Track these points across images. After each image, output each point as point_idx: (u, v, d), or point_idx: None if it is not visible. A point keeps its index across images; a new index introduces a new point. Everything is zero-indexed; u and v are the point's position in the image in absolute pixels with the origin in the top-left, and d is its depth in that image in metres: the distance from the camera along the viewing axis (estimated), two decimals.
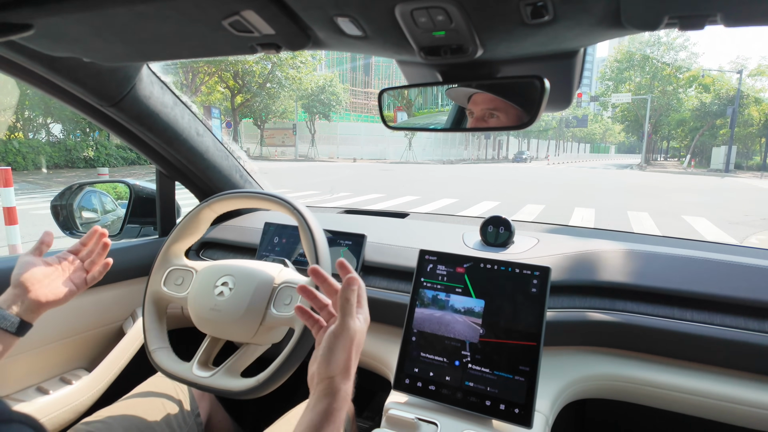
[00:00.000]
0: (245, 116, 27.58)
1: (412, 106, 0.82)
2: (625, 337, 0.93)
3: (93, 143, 16.30)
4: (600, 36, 0.59)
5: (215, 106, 23.65)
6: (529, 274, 0.84)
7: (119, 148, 17.10)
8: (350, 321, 0.62)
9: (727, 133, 28.96)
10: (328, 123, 31.00)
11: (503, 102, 0.72)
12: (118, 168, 16.55)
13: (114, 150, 16.86)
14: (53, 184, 11.88)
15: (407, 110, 0.83)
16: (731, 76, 30.52)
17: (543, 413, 0.83)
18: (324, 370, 0.61)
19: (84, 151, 15.84)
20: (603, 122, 57.99)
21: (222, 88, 24.25)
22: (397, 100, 0.84)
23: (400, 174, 18.53)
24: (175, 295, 0.98)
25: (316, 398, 0.60)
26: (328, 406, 0.58)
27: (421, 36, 0.58)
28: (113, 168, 16.25)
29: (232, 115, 24.66)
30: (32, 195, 9.75)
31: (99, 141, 16.51)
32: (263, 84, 24.26)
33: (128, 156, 17.27)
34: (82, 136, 16.48)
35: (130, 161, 17.36)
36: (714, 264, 0.97)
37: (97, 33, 0.68)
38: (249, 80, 23.91)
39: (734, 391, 0.86)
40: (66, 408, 1.07)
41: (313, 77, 27.05)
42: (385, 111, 0.82)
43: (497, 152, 47.05)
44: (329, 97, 28.16)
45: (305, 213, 0.91)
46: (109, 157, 16.58)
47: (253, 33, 0.61)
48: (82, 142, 16.08)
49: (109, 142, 16.85)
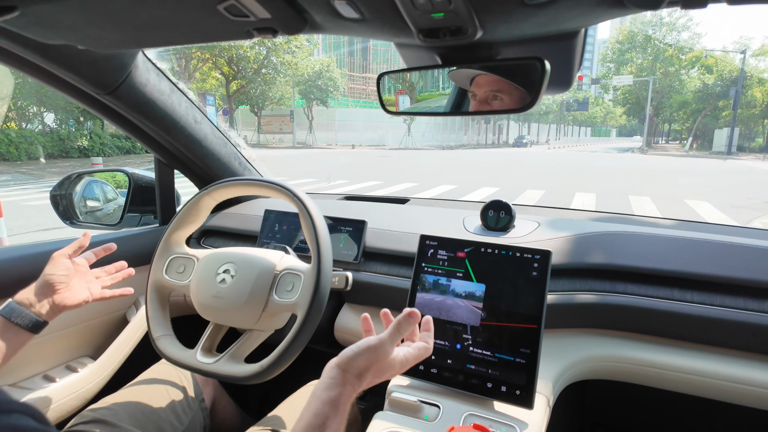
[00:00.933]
0: (242, 103, 27.18)
1: (414, 90, 0.81)
2: (626, 318, 0.94)
3: (87, 132, 16.06)
4: (601, 16, 0.58)
5: (210, 93, 23.26)
6: (530, 258, 0.84)
7: (114, 137, 16.85)
8: (388, 343, 0.64)
9: (729, 115, 28.58)
10: (326, 109, 30.62)
11: (507, 84, 0.71)
12: (113, 157, 16.33)
13: (109, 139, 16.64)
14: (46, 174, 11.76)
15: (410, 94, 0.81)
16: (734, 57, 30.14)
17: (544, 394, 0.84)
18: (346, 361, 0.62)
19: (78, 141, 15.60)
20: (604, 105, 57.46)
21: (217, 74, 23.83)
22: (398, 83, 0.83)
23: (398, 160, 18.39)
24: (177, 283, 0.98)
25: (326, 386, 0.60)
26: (336, 396, 0.59)
27: (420, 18, 0.57)
28: (108, 157, 16.03)
29: (228, 101, 24.25)
30: (25, 186, 9.70)
31: (93, 130, 16.27)
32: (258, 70, 23.82)
33: (123, 145, 17.03)
34: (75, 125, 16.22)
35: (126, 150, 17.13)
36: (714, 245, 0.97)
37: (90, 19, 0.67)
38: (244, 66, 23.45)
39: (734, 371, 0.87)
40: (72, 395, 1.09)
41: (309, 62, 26.61)
42: (384, 95, 0.81)
43: (497, 137, 46.76)
44: (326, 83, 27.74)
45: (305, 200, 0.91)
46: (103, 146, 16.35)
47: (249, 17, 0.60)
48: (76, 132, 15.85)
49: (103, 131, 16.60)
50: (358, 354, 0.62)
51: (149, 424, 0.90)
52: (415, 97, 0.81)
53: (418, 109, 0.82)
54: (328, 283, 0.86)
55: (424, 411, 0.80)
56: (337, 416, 0.58)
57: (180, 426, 0.94)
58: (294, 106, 29.65)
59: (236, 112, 27.93)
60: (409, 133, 33.14)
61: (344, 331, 1.16)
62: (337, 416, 0.58)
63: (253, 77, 24.04)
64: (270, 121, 31.90)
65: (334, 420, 0.58)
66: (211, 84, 24.11)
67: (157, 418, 0.92)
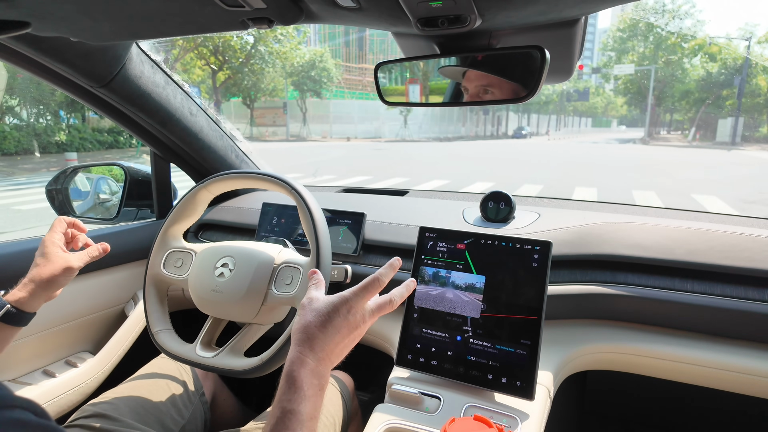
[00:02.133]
0: (234, 95, 26.42)
1: (428, 78, 0.79)
2: (627, 309, 0.94)
3: (65, 127, 15.36)
4: (601, 3, 0.57)
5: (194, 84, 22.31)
6: (530, 249, 0.84)
7: (96, 131, 16.21)
8: (352, 299, 0.62)
9: (733, 104, 28.17)
10: (321, 101, 29.96)
11: (496, 78, 0.71)
12: (92, 152, 15.65)
13: (89, 134, 15.96)
14: (17, 171, 11.37)
15: (423, 82, 0.80)
16: (739, 44, 29.77)
17: (545, 385, 0.84)
18: (295, 334, 0.61)
19: (56, 136, 14.84)
20: (605, 95, 57.12)
21: (202, 65, 22.79)
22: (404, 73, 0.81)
23: (393, 153, 18.07)
24: (175, 277, 0.98)
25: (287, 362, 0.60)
26: (288, 370, 0.58)
27: (418, 6, 0.56)
28: (87, 152, 15.34)
29: (214, 93, 23.33)
30: None
31: (73, 125, 15.60)
32: (247, 60, 22.96)
33: (105, 139, 16.37)
34: (53, 119, 15.56)
35: (107, 145, 16.45)
36: (714, 235, 0.96)
37: (82, 11, 0.66)
38: (230, 56, 22.56)
39: (735, 360, 0.87)
40: (72, 390, 1.09)
41: (299, 52, 25.80)
42: (390, 85, 0.80)
43: (496, 128, 46.49)
44: (320, 74, 27.05)
45: (303, 193, 0.90)
46: (83, 141, 15.60)
47: (244, 7, 0.59)
48: (54, 126, 15.12)
49: (84, 125, 15.95)
50: (305, 325, 0.61)
51: (150, 419, 0.90)
52: (428, 85, 0.79)
53: (417, 100, 0.81)
54: (327, 276, 0.85)
55: (425, 403, 0.80)
56: (291, 389, 0.56)
57: (181, 420, 0.94)
58: (287, 98, 29.01)
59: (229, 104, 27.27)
60: (405, 124, 32.69)
61: None
62: (291, 389, 0.56)
63: (240, 68, 23.15)
64: (263, 114, 31.16)
65: (287, 392, 0.56)
66: (198, 74, 23.03)
67: (158, 412, 0.92)
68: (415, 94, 0.80)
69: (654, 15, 33.39)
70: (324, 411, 0.94)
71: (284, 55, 24.14)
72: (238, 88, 25.29)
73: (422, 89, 0.79)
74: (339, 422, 0.95)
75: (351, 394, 1.07)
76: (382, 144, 25.73)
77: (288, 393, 0.56)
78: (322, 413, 0.92)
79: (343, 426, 0.97)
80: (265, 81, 25.24)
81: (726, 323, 0.88)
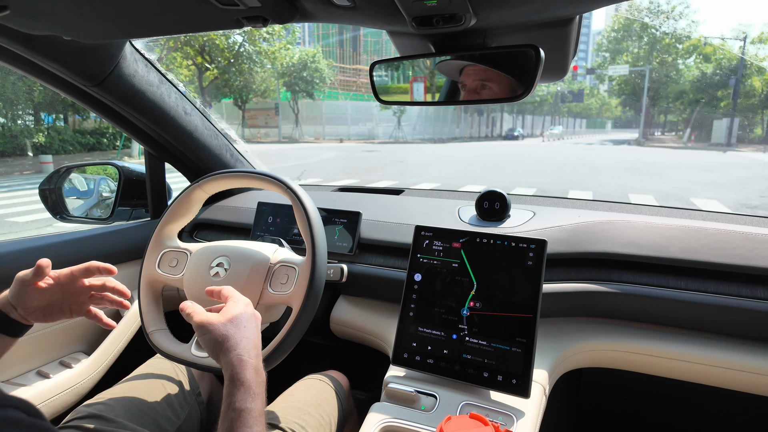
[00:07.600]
0: (225, 96, 25.78)
1: (435, 75, 0.79)
2: (621, 307, 0.94)
3: (44, 129, 14.77)
4: (595, 2, 0.57)
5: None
6: (525, 248, 0.84)
7: (78, 132, 15.81)
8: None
9: (728, 105, 28.13)
10: (313, 102, 29.41)
11: (495, 73, 0.71)
12: (72, 155, 15.08)
13: (71, 135, 15.53)
14: None
15: (430, 79, 0.79)
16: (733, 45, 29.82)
17: (540, 383, 0.84)
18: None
19: (34, 137, 14.28)
20: (599, 96, 57.29)
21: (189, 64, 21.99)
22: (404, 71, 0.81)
23: (385, 155, 17.78)
24: (170, 277, 0.97)
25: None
26: (236, 375, 0.63)
27: (413, 5, 0.56)
28: (67, 155, 14.81)
29: (201, 94, 22.50)
30: None
31: (52, 126, 15.12)
32: (235, 59, 22.23)
33: (87, 141, 15.99)
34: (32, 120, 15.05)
35: (89, 147, 16.05)
36: (708, 233, 0.97)
37: (74, 9, 0.65)
38: (216, 55, 21.82)
39: (728, 357, 0.88)
40: (67, 391, 1.08)
41: (288, 52, 25.13)
42: (385, 84, 0.80)
43: (491, 129, 46.50)
44: (312, 74, 26.44)
45: (299, 192, 0.90)
46: (64, 143, 15.09)
47: (238, 6, 0.59)
48: (33, 128, 14.58)
49: (65, 126, 15.54)
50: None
51: (146, 419, 0.89)
52: (434, 82, 0.79)
53: (421, 98, 0.81)
54: (323, 276, 0.85)
55: (421, 401, 0.80)
56: (240, 390, 0.62)
57: (177, 420, 0.94)
58: (279, 99, 28.46)
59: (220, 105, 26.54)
60: (399, 126, 32.36)
61: (340, 323, 1.16)
62: (241, 390, 0.62)
63: (228, 67, 22.39)
64: (255, 115, 30.43)
65: (237, 393, 0.62)
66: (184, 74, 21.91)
67: (154, 412, 0.91)
68: (420, 92, 0.80)
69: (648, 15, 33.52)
70: (319, 410, 0.94)
71: (273, 54, 23.57)
72: (229, 89, 24.71)
73: (427, 87, 0.79)
74: (334, 422, 0.95)
75: (346, 393, 1.06)
76: (375, 146, 25.42)
77: (238, 394, 0.61)
78: (317, 412, 0.92)
79: (339, 425, 0.97)
80: (256, 82, 24.63)
81: (719, 320, 0.89)
